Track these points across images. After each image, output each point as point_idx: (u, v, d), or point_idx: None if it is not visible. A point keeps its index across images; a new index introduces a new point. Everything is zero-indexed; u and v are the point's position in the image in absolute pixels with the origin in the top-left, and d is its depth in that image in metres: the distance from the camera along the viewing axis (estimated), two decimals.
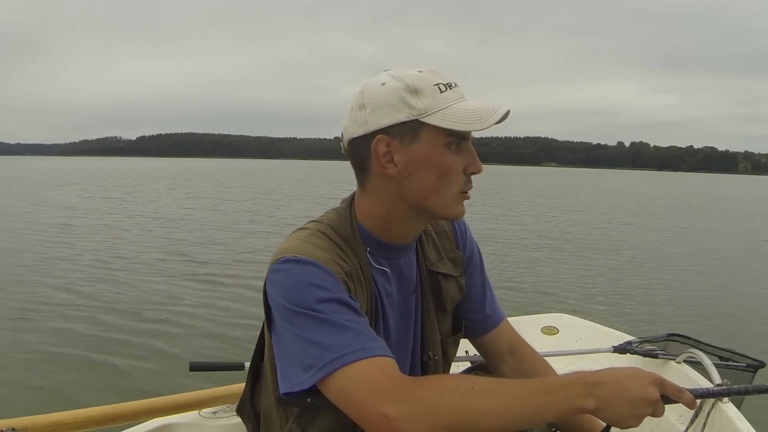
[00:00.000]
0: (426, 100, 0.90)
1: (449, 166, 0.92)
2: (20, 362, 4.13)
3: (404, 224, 0.99)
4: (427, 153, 0.91)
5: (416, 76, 0.92)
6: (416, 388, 0.80)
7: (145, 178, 36.64)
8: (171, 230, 11.51)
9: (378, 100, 0.92)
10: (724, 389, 1.06)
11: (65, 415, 1.31)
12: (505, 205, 21.18)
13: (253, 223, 13.32)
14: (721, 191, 45.54)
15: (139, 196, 20.96)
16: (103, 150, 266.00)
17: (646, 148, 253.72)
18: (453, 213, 0.97)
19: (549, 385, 0.81)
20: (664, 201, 27.91)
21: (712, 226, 15.79)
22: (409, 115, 0.90)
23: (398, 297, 1.03)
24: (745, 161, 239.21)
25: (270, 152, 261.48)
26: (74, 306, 5.58)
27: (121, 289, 6.31)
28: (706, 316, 6.00)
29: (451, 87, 0.93)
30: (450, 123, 0.89)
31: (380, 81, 0.93)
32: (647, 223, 15.83)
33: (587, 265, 8.87)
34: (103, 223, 12.42)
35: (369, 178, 0.97)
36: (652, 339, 2.02)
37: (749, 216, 20.08)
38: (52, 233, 10.53)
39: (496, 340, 1.18)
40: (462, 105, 0.92)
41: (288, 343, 0.87)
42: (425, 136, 0.91)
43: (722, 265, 9.27)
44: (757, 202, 30.44)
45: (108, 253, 8.61)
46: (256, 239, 10.49)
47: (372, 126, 0.92)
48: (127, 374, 3.96)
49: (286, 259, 0.90)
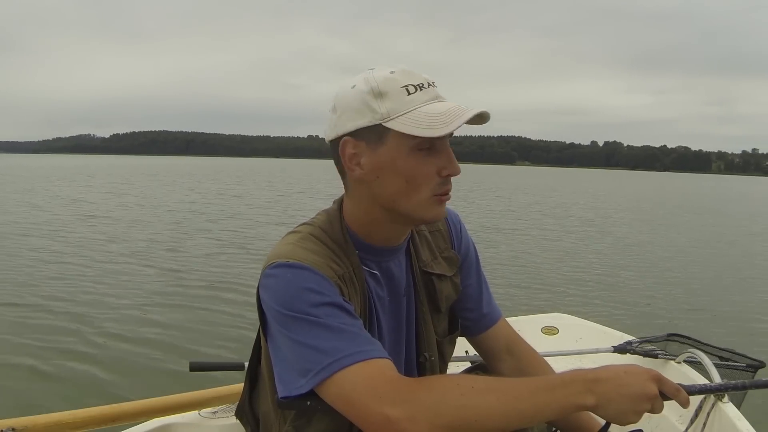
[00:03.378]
0: (389, 103, 0.88)
1: (416, 170, 0.90)
2: (20, 362, 4.12)
3: (384, 227, 0.98)
4: (392, 157, 0.90)
5: (383, 78, 0.90)
6: (417, 389, 0.80)
7: (140, 176, 36.62)
8: (170, 230, 11.50)
9: (345, 104, 0.92)
10: (720, 385, 1.06)
11: (65, 415, 1.31)
12: (503, 203, 21.19)
13: (255, 220, 13.34)
14: (710, 191, 45.70)
15: (139, 193, 20.98)
16: (77, 148, 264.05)
17: (619, 148, 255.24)
18: (428, 216, 0.95)
19: (549, 383, 0.81)
20: (658, 200, 27.98)
21: (711, 225, 15.80)
22: (372, 119, 0.89)
23: (389, 299, 1.03)
24: (719, 161, 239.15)
25: (244, 150, 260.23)
26: (74, 306, 5.58)
27: (121, 289, 6.31)
28: (706, 316, 6.01)
29: (423, 88, 0.90)
30: (410, 128, 0.87)
31: (352, 84, 0.93)
32: (646, 223, 15.84)
33: (587, 265, 8.87)
34: (111, 218, 12.43)
35: (346, 180, 0.97)
36: (652, 339, 2.02)
37: (747, 216, 20.11)
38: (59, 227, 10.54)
39: (494, 339, 1.18)
40: (428, 108, 0.89)
41: (284, 348, 0.87)
42: (391, 140, 0.89)
43: (723, 265, 9.27)
44: (751, 202, 30.55)
45: (108, 253, 8.62)
46: (257, 237, 10.49)
47: (340, 130, 0.92)
48: (127, 374, 3.96)
49: (278, 264, 0.89)
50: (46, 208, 15.61)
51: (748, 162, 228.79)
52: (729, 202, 30.42)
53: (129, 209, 15.71)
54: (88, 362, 4.16)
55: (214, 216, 14.46)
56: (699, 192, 41.69)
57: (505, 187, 31.96)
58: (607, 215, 18.29)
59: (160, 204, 17.67)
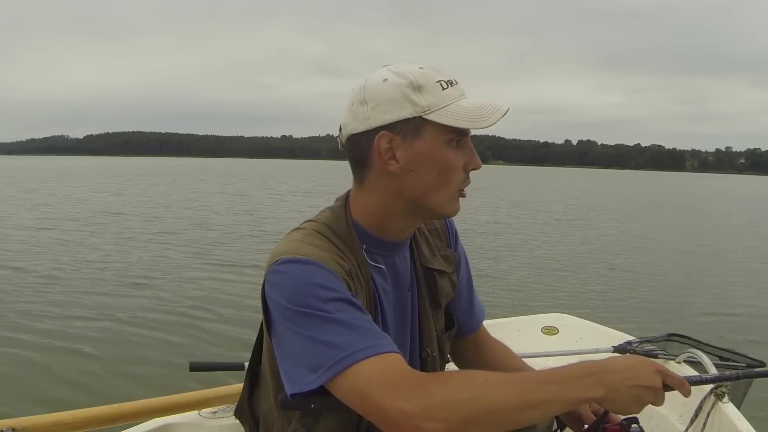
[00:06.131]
0: (429, 97, 0.90)
1: (450, 164, 0.93)
2: (20, 362, 4.13)
3: (400, 221, 0.99)
4: (429, 150, 0.91)
5: (418, 73, 0.91)
6: (431, 383, 0.80)
7: (128, 177, 36.64)
8: (170, 229, 11.51)
9: (381, 96, 0.91)
10: (716, 375, 1.07)
11: (65, 415, 1.31)
12: (496, 203, 21.20)
13: (255, 220, 13.34)
14: (699, 189, 45.76)
15: (140, 192, 20.98)
16: (51, 149, 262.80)
17: (593, 147, 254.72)
18: (449, 210, 0.98)
19: (560, 376, 0.82)
20: (652, 200, 27.99)
21: (712, 225, 15.80)
22: (413, 111, 0.90)
23: (394, 294, 1.03)
24: (693, 159, 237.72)
25: (217, 151, 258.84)
26: (73, 306, 5.58)
27: (121, 289, 6.31)
28: (706, 316, 6.01)
29: (452, 84, 0.93)
30: (453, 120, 0.89)
31: (382, 77, 0.93)
32: (646, 223, 15.85)
33: (588, 265, 8.87)
34: (111, 218, 12.44)
35: (368, 174, 0.96)
36: (652, 339, 2.02)
37: (745, 215, 20.12)
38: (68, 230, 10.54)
39: (475, 337, 1.23)
40: (464, 102, 0.92)
41: (292, 344, 0.86)
42: (427, 133, 0.91)
43: (723, 265, 9.27)
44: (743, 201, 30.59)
45: (107, 252, 8.62)
46: (257, 236, 10.50)
47: (374, 122, 0.92)
48: (127, 374, 3.96)
49: (285, 260, 0.89)
50: (46, 207, 15.63)
51: (722, 160, 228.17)
52: (730, 201, 30.45)
53: (129, 209, 15.72)
54: (88, 362, 4.16)
55: (214, 215, 14.47)
56: (695, 192, 41.70)
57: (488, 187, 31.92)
58: (607, 215, 18.30)
59: (160, 204, 17.67)
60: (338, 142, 1.00)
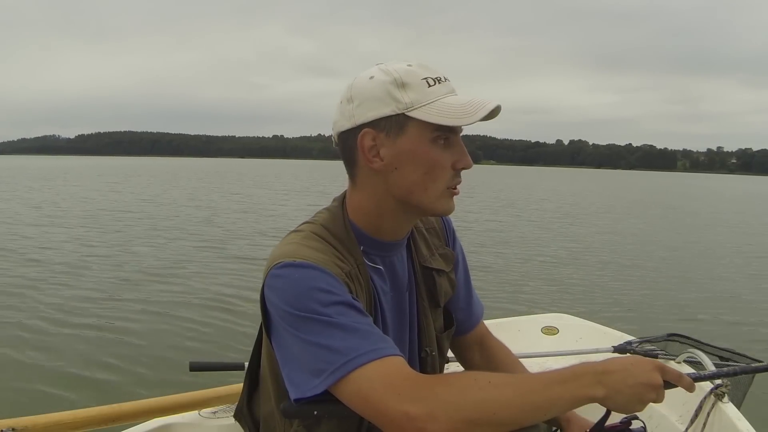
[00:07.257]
0: (412, 94, 0.89)
1: (435, 161, 0.92)
2: (21, 362, 4.13)
3: (394, 219, 0.99)
4: (413, 147, 0.91)
5: (404, 70, 0.91)
6: (435, 385, 0.80)
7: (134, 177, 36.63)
8: (170, 229, 11.50)
9: (365, 93, 0.91)
10: (715, 372, 1.08)
11: (65, 415, 1.31)
12: (494, 203, 21.20)
13: (254, 220, 13.34)
14: (701, 190, 45.80)
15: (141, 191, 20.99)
16: (42, 149, 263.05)
17: (585, 146, 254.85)
18: (441, 209, 0.97)
19: (561, 376, 0.83)
20: (649, 200, 28.00)
21: (711, 225, 15.80)
22: (395, 108, 0.90)
23: (392, 295, 1.03)
24: (684, 159, 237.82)
25: (209, 150, 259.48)
26: (72, 306, 5.58)
27: (121, 289, 6.31)
28: (706, 316, 6.01)
29: (441, 81, 0.92)
30: (435, 117, 0.89)
31: (369, 74, 0.93)
32: (645, 223, 15.84)
33: (588, 264, 8.88)
34: (110, 218, 12.44)
35: (358, 172, 0.96)
36: (652, 339, 2.02)
37: (743, 215, 20.12)
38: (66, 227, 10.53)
39: (473, 336, 1.23)
40: (450, 99, 0.91)
41: (294, 349, 0.86)
42: (411, 130, 0.90)
43: (723, 266, 9.27)
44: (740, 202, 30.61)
45: (106, 252, 8.62)
46: (257, 236, 10.50)
47: (359, 119, 0.92)
48: (127, 374, 3.97)
49: (284, 263, 0.88)
50: (45, 207, 15.63)
51: (713, 160, 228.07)
52: (729, 201, 30.45)
53: (128, 209, 15.72)
54: (87, 362, 4.16)
55: (213, 216, 14.47)
56: (689, 192, 41.70)
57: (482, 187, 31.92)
58: (607, 214, 18.30)
59: (160, 204, 17.67)
60: (332, 140, 1.00)
